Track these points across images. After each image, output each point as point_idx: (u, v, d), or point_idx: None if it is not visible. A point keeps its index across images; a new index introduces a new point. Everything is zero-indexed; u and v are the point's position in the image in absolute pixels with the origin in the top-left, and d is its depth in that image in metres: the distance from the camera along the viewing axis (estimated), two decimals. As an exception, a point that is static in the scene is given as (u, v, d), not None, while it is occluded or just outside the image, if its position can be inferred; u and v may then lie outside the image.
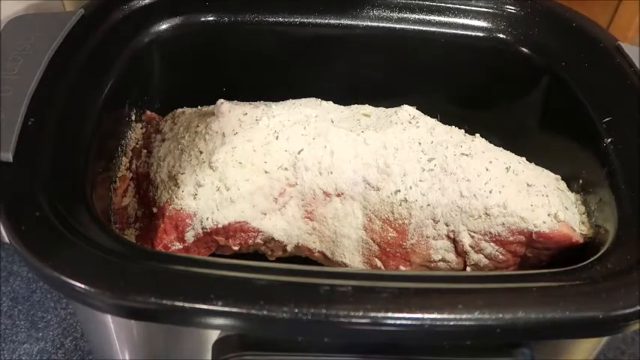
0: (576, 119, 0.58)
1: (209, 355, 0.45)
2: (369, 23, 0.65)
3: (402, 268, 0.57)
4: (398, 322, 0.39)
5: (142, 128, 0.64)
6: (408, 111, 0.60)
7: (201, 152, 0.56)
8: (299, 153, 0.56)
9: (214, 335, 0.44)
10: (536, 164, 0.59)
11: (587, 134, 0.56)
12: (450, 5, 0.66)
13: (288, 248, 0.58)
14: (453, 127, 0.61)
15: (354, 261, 0.58)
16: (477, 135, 0.60)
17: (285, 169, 0.56)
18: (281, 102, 0.62)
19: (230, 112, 0.59)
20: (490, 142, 0.60)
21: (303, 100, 0.63)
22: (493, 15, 0.66)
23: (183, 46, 0.64)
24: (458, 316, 0.40)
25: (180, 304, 0.39)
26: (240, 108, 0.60)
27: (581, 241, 0.54)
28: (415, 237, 0.56)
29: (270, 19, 0.65)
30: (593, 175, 0.55)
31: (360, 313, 0.39)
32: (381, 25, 0.65)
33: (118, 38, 0.59)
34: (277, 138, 0.57)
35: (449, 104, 0.66)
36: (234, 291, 0.40)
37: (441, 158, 0.56)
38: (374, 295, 0.40)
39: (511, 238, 0.55)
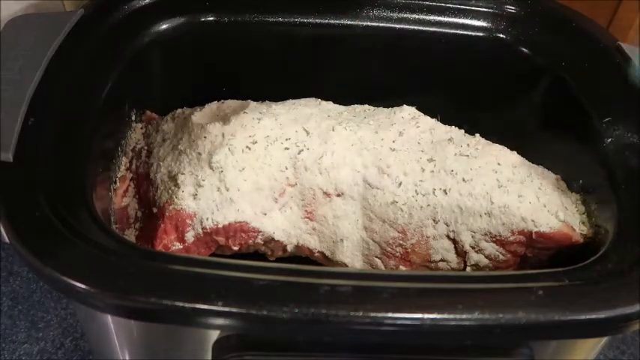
0: (576, 119, 0.58)
1: (209, 355, 0.45)
2: (369, 23, 0.65)
3: (402, 268, 0.57)
4: (398, 322, 0.39)
5: (142, 128, 0.64)
6: (408, 111, 0.60)
7: (201, 153, 0.56)
8: (299, 153, 0.56)
9: (214, 335, 0.44)
10: (536, 164, 0.59)
11: (587, 134, 0.56)
12: (450, 5, 0.66)
13: (288, 248, 0.58)
14: (453, 127, 0.61)
15: (354, 261, 0.58)
16: (477, 135, 0.60)
17: (285, 169, 0.56)
18: (281, 102, 0.62)
19: (230, 112, 0.59)
20: (490, 142, 0.60)
21: (303, 100, 0.63)
22: (493, 15, 0.66)
23: (183, 46, 0.64)
24: (458, 316, 0.40)
25: (180, 304, 0.39)
26: (240, 108, 0.60)
27: (581, 241, 0.54)
28: (415, 237, 0.56)
29: (270, 19, 0.65)
30: (593, 175, 0.54)
31: (360, 313, 0.39)
32: (381, 25, 0.65)
33: (117, 38, 0.59)
34: (277, 138, 0.57)
35: (449, 104, 0.66)
36: (234, 291, 0.40)
37: (440, 158, 0.56)
38: (374, 295, 0.40)
39: (511, 238, 0.55)
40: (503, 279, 0.46)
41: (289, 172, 0.56)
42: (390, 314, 0.39)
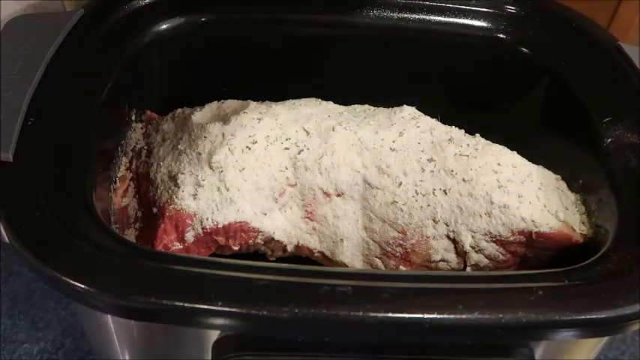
0: (576, 119, 0.58)
1: (209, 355, 0.45)
2: (369, 23, 0.65)
3: (402, 268, 0.57)
4: (398, 322, 0.39)
5: (142, 128, 0.64)
6: (408, 111, 0.60)
7: (201, 152, 0.56)
8: (299, 153, 0.56)
9: (214, 335, 0.44)
10: (536, 164, 0.59)
11: (587, 134, 0.56)
12: (450, 5, 0.66)
13: (288, 248, 0.58)
14: (453, 127, 0.61)
15: (354, 261, 0.58)
16: (477, 135, 0.60)
17: (285, 169, 0.56)
18: (281, 102, 0.62)
19: (230, 112, 0.59)
20: (490, 142, 0.60)
21: (303, 100, 0.63)
22: (493, 15, 0.66)
23: (183, 46, 0.64)
24: (458, 316, 0.40)
25: (180, 304, 0.39)
26: (240, 108, 0.60)
27: (581, 241, 0.54)
28: (415, 237, 0.56)
29: (270, 19, 0.65)
30: (593, 175, 0.54)
31: (360, 313, 0.39)
32: (381, 25, 0.65)
33: (117, 38, 0.59)
34: (277, 138, 0.57)
35: (449, 104, 0.66)
36: (234, 291, 0.40)
37: (440, 158, 0.56)
38: (374, 295, 0.40)
39: (511, 238, 0.55)
40: (503, 279, 0.46)
41: (289, 172, 0.56)
42: (390, 314, 0.39)
